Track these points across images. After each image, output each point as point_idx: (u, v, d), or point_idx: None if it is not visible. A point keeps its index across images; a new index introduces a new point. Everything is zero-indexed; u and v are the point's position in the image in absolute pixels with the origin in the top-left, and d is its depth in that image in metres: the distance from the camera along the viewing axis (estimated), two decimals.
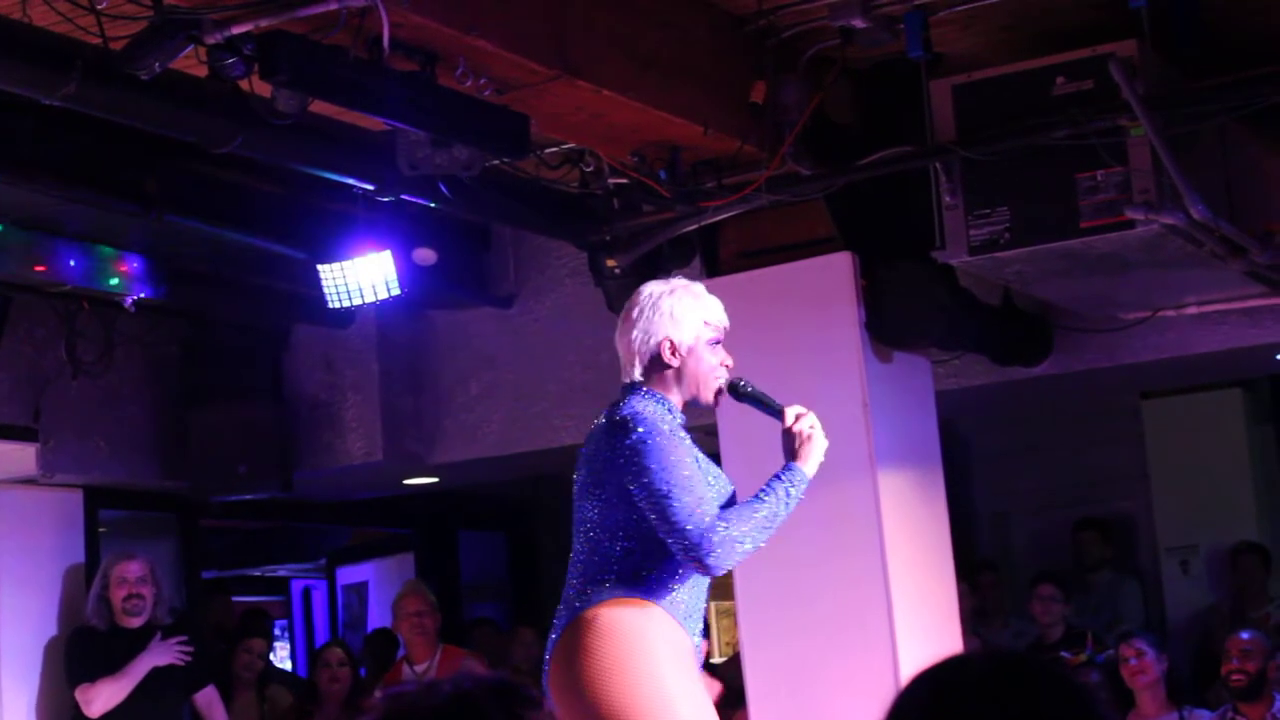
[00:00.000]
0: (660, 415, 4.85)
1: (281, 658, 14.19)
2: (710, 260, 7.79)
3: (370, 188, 6.85)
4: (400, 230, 8.12)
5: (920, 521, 7.64)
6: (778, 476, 4.89)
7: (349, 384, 9.74)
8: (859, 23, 6.56)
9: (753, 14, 6.77)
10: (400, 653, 10.70)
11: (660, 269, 7.85)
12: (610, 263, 7.73)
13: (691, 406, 5.01)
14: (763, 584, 7.43)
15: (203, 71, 5.47)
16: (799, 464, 4.94)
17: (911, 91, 6.94)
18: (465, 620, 12.16)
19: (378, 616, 12.44)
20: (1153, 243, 6.72)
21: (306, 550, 14.56)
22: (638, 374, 5.00)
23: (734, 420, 7.45)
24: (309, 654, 13.70)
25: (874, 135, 7.17)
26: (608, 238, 7.68)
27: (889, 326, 7.50)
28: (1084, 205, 6.60)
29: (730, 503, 4.90)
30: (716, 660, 11.40)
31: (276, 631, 14.01)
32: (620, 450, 4.78)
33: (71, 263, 8.16)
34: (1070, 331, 8.47)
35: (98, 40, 5.41)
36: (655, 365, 4.98)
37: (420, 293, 8.64)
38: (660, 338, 4.97)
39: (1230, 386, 10.67)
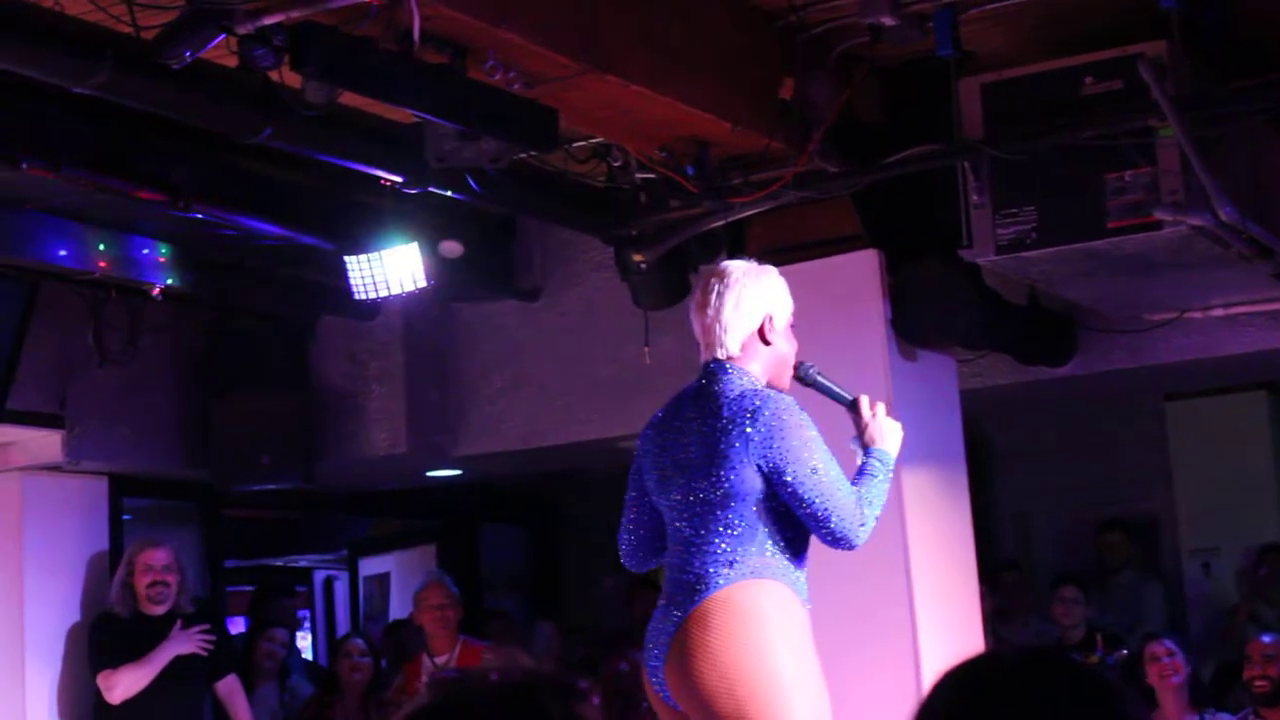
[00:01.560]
0: (777, 394, 4.86)
1: (303, 648, 14.22)
2: (736, 256, 7.76)
3: (398, 179, 6.86)
4: (427, 222, 8.13)
5: (943, 520, 7.63)
6: (870, 453, 4.99)
7: (373, 375, 9.75)
8: (888, 20, 6.55)
9: (782, 10, 6.77)
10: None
11: (686, 264, 7.87)
12: (636, 257, 7.73)
13: (772, 388, 4.98)
14: None
15: (233, 62, 5.48)
16: (884, 447, 5.04)
17: (940, 90, 6.93)
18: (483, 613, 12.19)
19: (399, 608, 12.45)
20: (1180, 244, 6.71)
21: (328, 541, 14.57)
22: (734, 349, 4.95)
23: None
24: (330, 644, 13.73)
25: (902, 133, 7.17)
26: (634, 233, 7.69)
27: (914, 324, 7.50)
28: (1112, 205, 6.59)
29: None
30: None
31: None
32: (756, 428, 4.76)
33: (101, 246, 8.18)
34: (1095, 332, 8.46)
35: (129, 29, 5.43)
36: (752, 341, 4.97)
37: (446, 285, 8.64)
38: (762, 313, 4.96)
39: (1255, 389, 10.65)
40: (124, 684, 8.66)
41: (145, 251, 8.31)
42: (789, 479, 4.75)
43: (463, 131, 5.95)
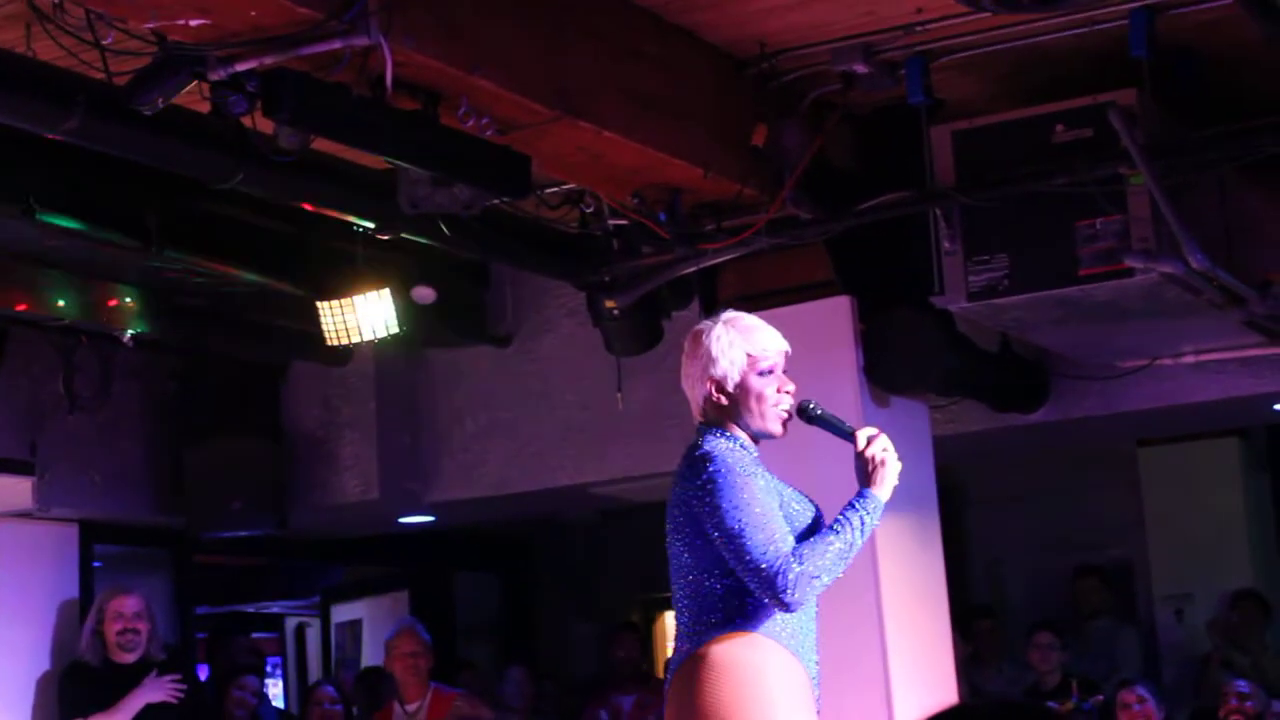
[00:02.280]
0: (731, 451, 4.85)
1: (274, 695, 14.15)
2: (709, 302, 7.79)
3: (370, 225, 6.86)
4: (400, 268, 8.12)
5: (916, 566, 7.62)
6: (852, 505, 4.88)
7: (345, 421, 9.73)
8: (861, 68, 6.58)
9: (755, 57, 6.78)
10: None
11: (659, 311, 7.87)
12: (609, 304, 7.73)
13: (764, 438, 4.98)
14: None
15: (205, 108, 5.48)
16: (873, 490, 4.92)
17: (912, 137, 6.95)
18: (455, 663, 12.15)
19: (371, 654, 12.40)
20: (1151, 291, 6.72)
21: (300, 587, 14.52)
22: (699, 418, 5.02)
23: None
24: (301, 691, 13.67)
25: (874, 180, 7.18)
26: (606, 278, 7.69)
27: (887, 371, 7.50)
28: (1083, 253, 6.61)
29: (814, 527, 4.89)
30: None
31: (269, 669, 13.98)
32: (694, 490, 4.79)
33: (69, 297, 8.15)
34: (1068, 379, 8.48)
35: (101, 75, 5.42)
36: (710, 407, 4.98)
37: (419, 331, 8.64)
38: (705, 380, 4.98)
39: (1227, 435, 10.68)
40: None
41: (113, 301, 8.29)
42: (715, 538, 4.75)
43: (435, 177, 5.95)
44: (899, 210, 7.04)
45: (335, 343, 8.07)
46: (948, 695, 7.56)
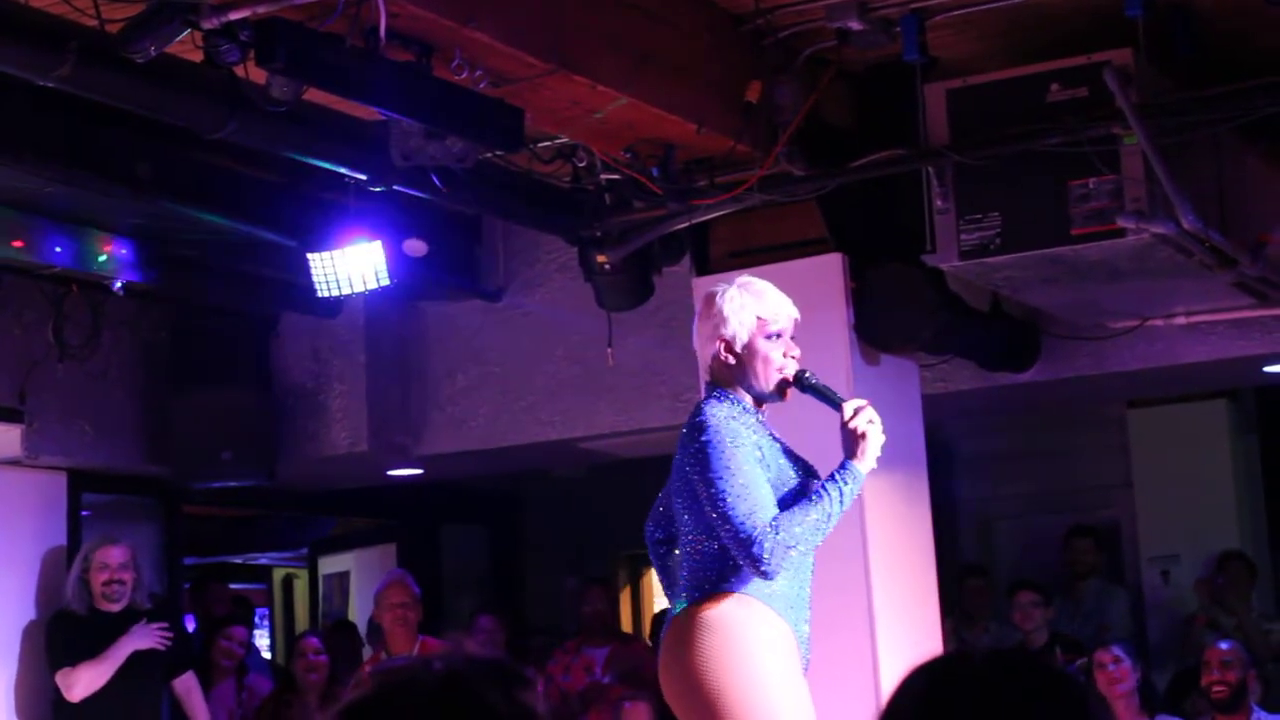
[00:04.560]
0: (730, 415, 4.94)
1: (261, 647, 14.18)
2: (700, 259, 7.78)
3: (362, 177, 6.85)
4: (391, 221, 8.10)
5: (904, 525, 7.63)
6: (833, 476, 4.95)
7: (335, 373, 9.73)
8: (856, 25, 6.57)
9: (750, 13, 6.77)
10: (364, 644, 10.72)
11: (650, 266, 7.86)
12: (600, 258, 7.72)
13: (765, 401, 5.06)
14: None
15: (198, 57, 5.46)
16: (854, 461, 4.98)
17: (906, 95, 6.95)
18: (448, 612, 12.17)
19: (359, 606, 12.43)
20: (1143, 251, 6.73)
21: (288, 539, 14.54)
22: (706, 376, 5.12)
23: None
24: (288, 642, 13.70)
25: (868, 138, 7.18)
26: (598, 233, 7.68)
27: (877, 329, 7.50)
28: (1075, 212, 6.61)
29: (805, 490, 4.95)
30: None
31: (256, 620, 14.01)
32: (689, 456, 4.90)
33: (59, 246, 8.14)
34: (1058, 339, 8.48)
35: (94, 23, 5.40)
36: (718, 366, 5.06)
37: (409, 284, 8.63)
38: (715, 339, 5.05)
39: (1216, 397, 10.69)
40: (83, 682, 8.61)
41: (106, 245, 8.27)
42: (702, 500, 4.87)
43: (428, 130, 5.94)
44: (892, 168, 7.04)
45: (326, 294, 8.06)
46: (934, 652, 7.58)
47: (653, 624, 11.73)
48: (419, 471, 10.61)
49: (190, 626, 10.64)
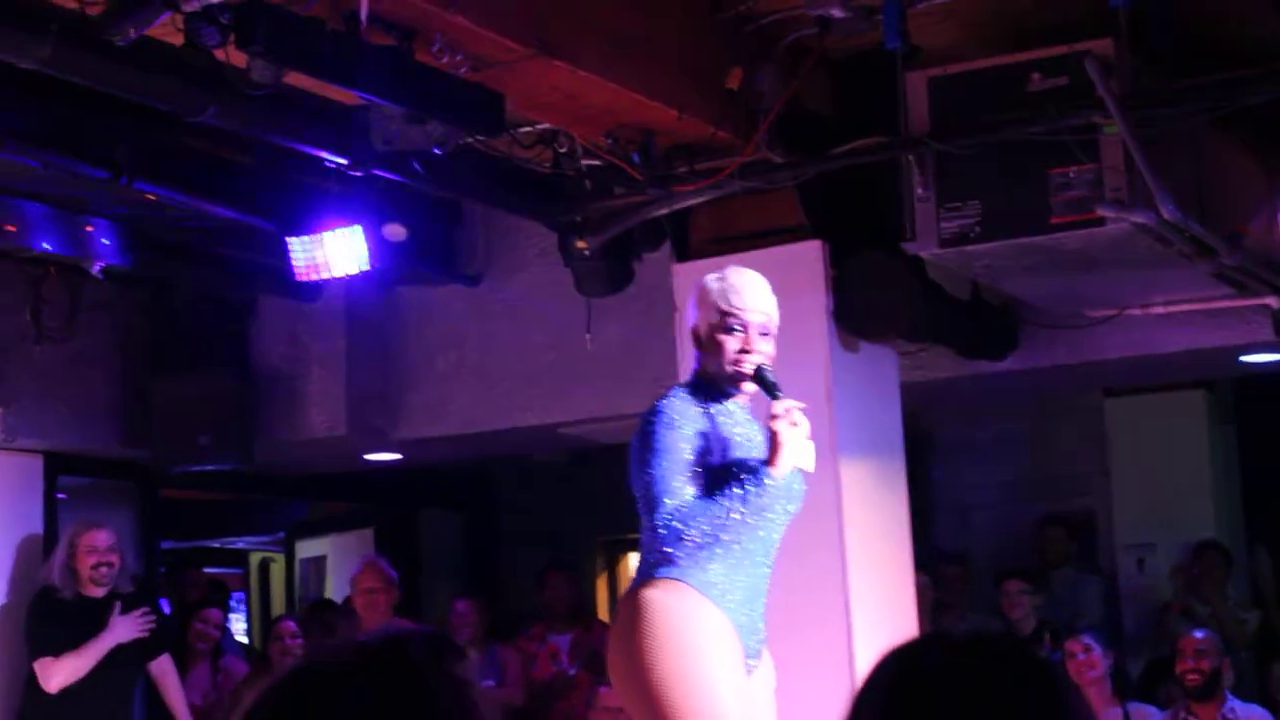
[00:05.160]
0: (679, 403, 5.01)
1: (237, 630, 14.18)
2: (681, 245, 7.78)
3: (342, 161, 6.82)
4: (371, 205, 8.10)
5: (881, 512, 7.65)
6: (746, 475, 4.96)
7: (314, 358, 9.71)
8: (837, 12, 6.56)
9: (731, 0, 6.76)
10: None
11: (630, 252, 7.86)
12: (580, 244, 7.72)
13: (733, 390, 5.12)
14: None
15: (179, 40, 5.44)
16: (769, 465, 4.98)
17: (887, 83, 6.95)
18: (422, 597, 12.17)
19: (336, 590, 12.42)
20: (1122, 241, 6.74)
21: (266, 523, 14.53)
22: (693, 360, 5.22)
23: None
24: (265, 626, 13.68)
25: (849, 125, 7.18)
26: (578, 219, 7.67)
27: (856, 316, 7.51)
28: (1055, 201, 6.62)
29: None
30: None
31: (232, 604, 14.00)
32: (636, 434, 5.01)
33: (37, 229, 8.11)
34: (1037, 327, 8.49)
35: (75, 5, 5.38)
36: (698, 354, 5.18)
37: (389, 268, 8.62)
38: (689, 328, 5.20)
39: (1194, 387, 10.72)
40: (64, 673, 8.55)
41: (88, 229, 8.25)
42: (634, 478, 4.98)
43: (408, 114, 5.92)
44: (872, 155, 7.04)
45: (305, 279, 8.05)
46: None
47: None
48: (397, 456, 10.60)
49: (166, 609, 10.62)
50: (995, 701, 2.05)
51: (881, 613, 7.47)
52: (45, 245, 8.15)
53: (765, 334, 5.13)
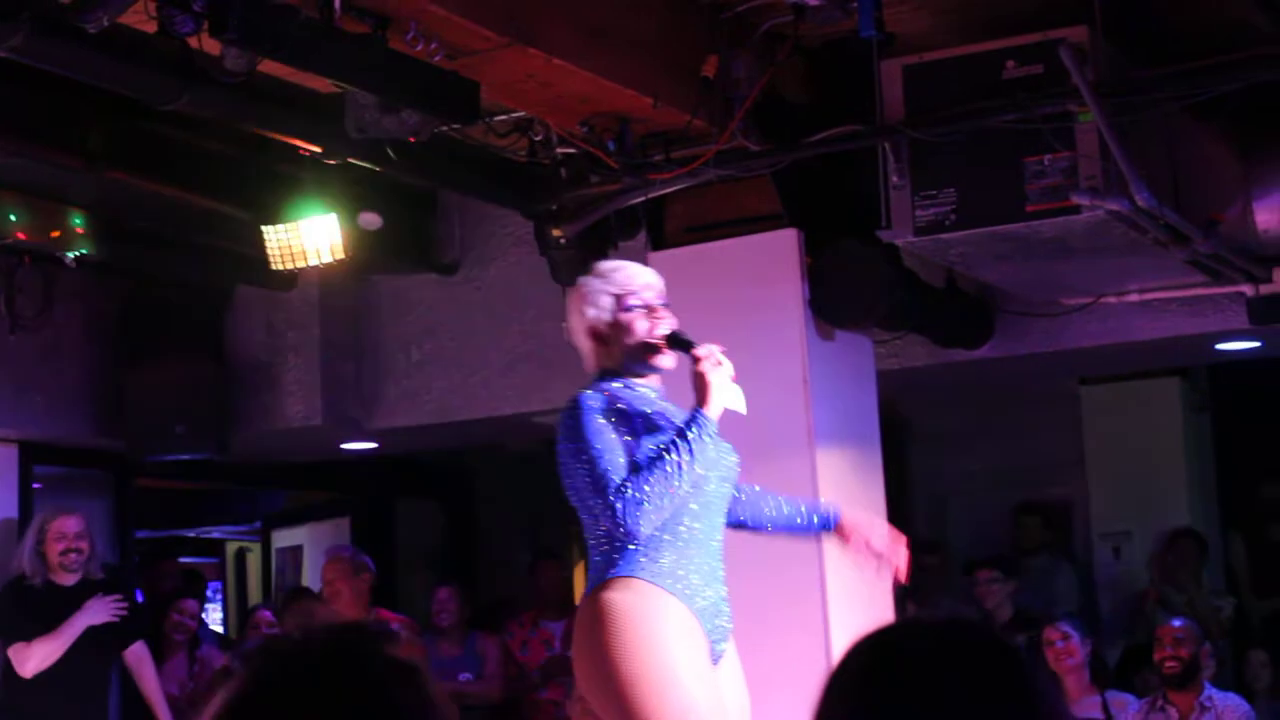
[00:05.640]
0: (593, 395, 4.99)
1: (214, 620, 14.15)
2: (656, 233, 7.78)
3: (317, 150, 6.82)
4: (346, 194, 8.08)
5: (857, 500, 7.62)
6: (684, 421, 4.97)
7: (290, 346, 9.70)
8: (813, 0, 6.56)
9: None
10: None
11: (606, 240, 7.85)
12: (556, 232, 7.71)
13: (652, 373, 5.14)
14: None
15: (152, 27, 5.42)
16: (700, 407, 5.01)
17: (863, 71, 6.94)
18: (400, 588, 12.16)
19: (311, 580, 12.41)
20: (1097, 229, 6.74)
21: (242, 512, 14.51)
22: (588, 364, 5.19)
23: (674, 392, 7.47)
24: (240, 616, 13.67)
25: (824, 113, 7.18)
26: (554, 207, 7.67)
27: (832, 304, 7.50)
28: (1030, 189, 6.62)
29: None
30: None
31: (209, 594, 13.98)
32: (559, 443, 4.98)
33: (12, 217, 8.09)
34: (1012, 315, 8.50)
35: None
36: (598, 355, 5.16)
37: (364, 257, 8.60)
38: (586, 331, 5.16)
39: (1169, 375, 10.74)
40: (38, 657, 8.56)
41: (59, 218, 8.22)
42: (563, 474, 4.97)
43: (383, 102, 5.92)
44: (848, 143, 7.04)
45: (280, 267, 8.03)
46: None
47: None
48: (373, 445, 10.59)
49: (140, 598, 10.61)
50: (966, 685, 2.05)
51: (857, 601, 7.47)
52: (17, 234, 8.13)
53: (664, 304, 5.17)
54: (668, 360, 5.15)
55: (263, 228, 7.97)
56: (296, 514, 13.47)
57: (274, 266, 8.03)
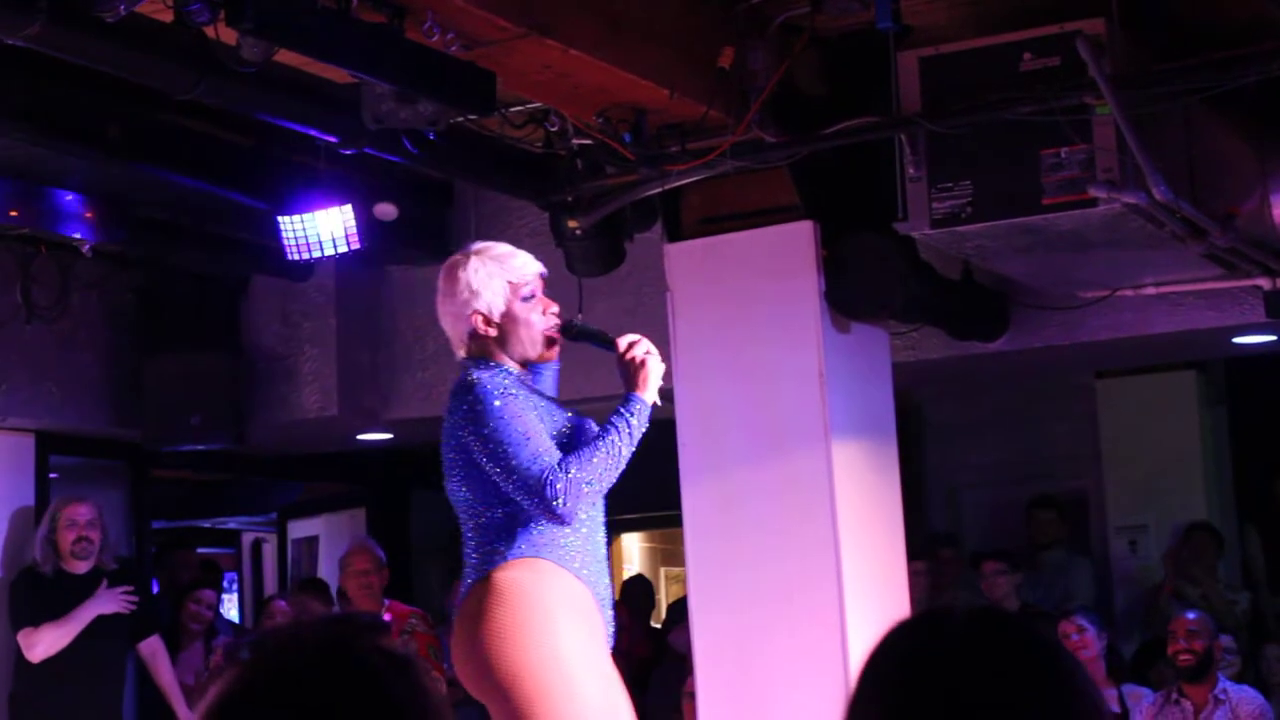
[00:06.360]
0: (494, 378, 4.92)
1: (230, 610, 14.17)
2: (672, 225, 7.77)
3: (333, 140, 6.82)
4: (362, 184, 8.09)
5: (872, 493, 7.64)
6: (619, 411, 4.96)
7: (306, 337, 9.71)
8: None
9: None
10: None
11: (622, 232, 7.85)
12: (572, 224, 7.71)
13: (535, 364, 5.12)
14: (713, 550, 7.44)
15: (168, 17, 5.43)
16: (638, 393, 4.99)
17: (879, 62, 6.93)
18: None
19: (326, 571, 12.41)
20: (1114, 222, 6.73)
21: (257, 503, 14.52)
22: (463, 352, 5.08)
23: (690, 385, 7.47)
24: (256, 607, 13.68)
25: (840, 105, 7.16)
26: (570, 199, 7.66)
27: (848, 297, 7.50)
28: (1047, 182, 6.61)
29: (582, 440, 4.94)
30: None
31: (225, 584, 14.00)
32: (461, 421, 4.87)
33: (30, 206, 8.10)
34: (1028, 308, 8.49)
35: None
36: (475, 340, 5.04)
37: (380, 248, 8.61)
38: (469, 314, 5.02)
39: (1185, 368, 10.72)
40: (45, 642, 8.60)
41: (69, 199, 8.22)
42: (485, 464, 4.82)
43: (399, 93, 5.91)
44: (864, 135, 7.03)
45: (296, 257, 8.04)
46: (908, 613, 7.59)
47: (623, 590, 11.76)
48: (389, 436, 10.59)
49: (154, 590, 10.63)
50: (1001, 673, 2.05)
51: (874, 594, 7.47)
52: (34, 223, 8.14)
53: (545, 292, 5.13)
54: (553, 353, 5.12)
55: (279, 218, 7.97)
56: (312, 505, 13.48)
57: (290, 257, 8.03)
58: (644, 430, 4.95)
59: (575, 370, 9.12)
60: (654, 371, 5.02)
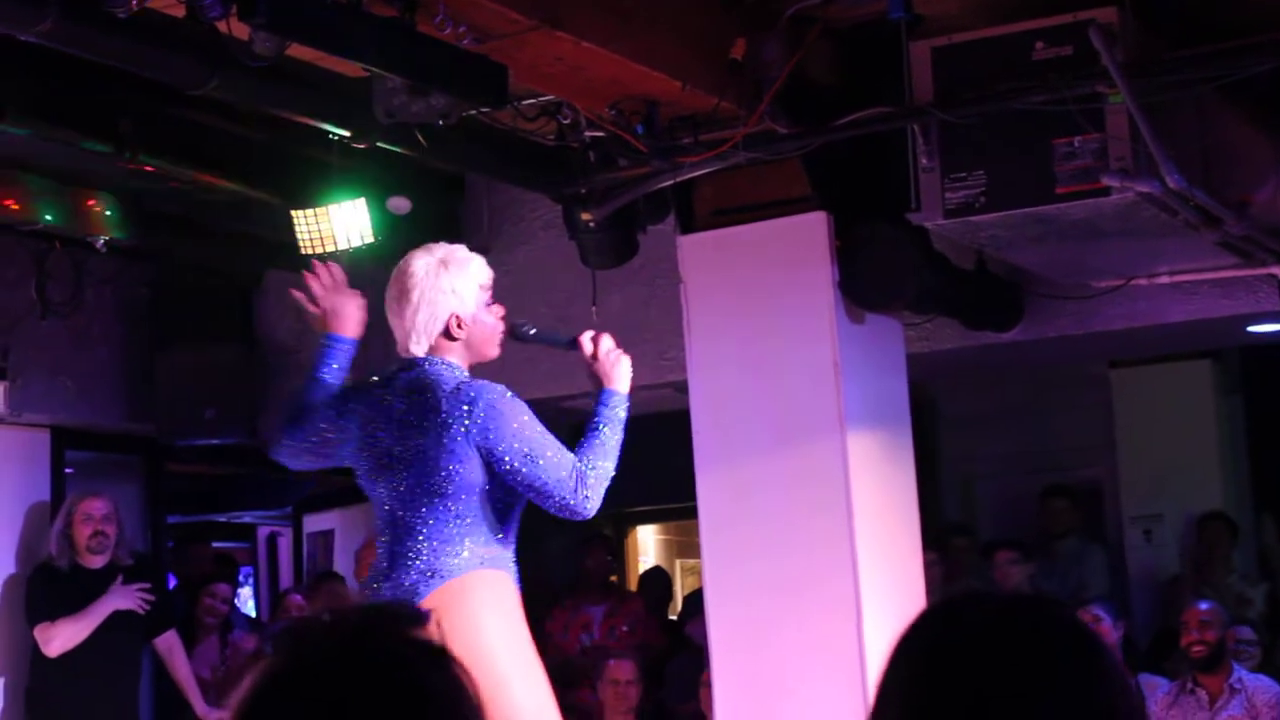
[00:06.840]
0: (484, 381, 5.08)
1: (245, 604, 14.19)
2: (685, 216, 7.77)
3: (346, 134, 6.82)
4: (375, 178, 8.09)
5: (887, 483, 7.64)
6: (605, 404, 5.12)
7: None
8: None
9: None
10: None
11: (635, 224, 7.85)
12: (585, 216, 7.71)
13: (478, 364, 5.22)
14: (728, 541, 7.45)
15: (180, 11, 5.42)
16: (615, 388, 5.14)
17: (892, 53, 6.93)
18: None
19: (341, 564, 12.42)
20: (1127, 211, 6.72)
21: (272, 497, 14.53)
22: (423, 349, 5.15)
23: (705, 377, 7.48)
24: (272, 600, 13.69)
25: (853, 96, 7.16)
26: (583, 191, 7.66)
27: (862, 287, 7.49)
28: (1060, 171, 6.60)
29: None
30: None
31: (240, 578, 14.02)
32: (474, 419, 4.93)
33: (42, 203, 8.12)
34: (1042, 298, 8.48)
35: None
36: (445, 340, 5.15)
37: (393, 241, 8.60)
38: (447, 315, 5.13)
39: (1200, 357, 10.70)
40: (62, 637, 8.62)
41: (90, 203, 8.24)
42: (506, 463, 4.90)
43: (412, 86, 5.91)
44: (877, 126, 7.03)
45: (310, 252, 8.04)
46: (917, 609, 7.59)
47: (641, 582, 11.77)
48: None
49: (171, 585, 10.65)
50: (1031, 658, 2.05)
51: (890, 584, 7.47)
52: (48, 219, 8.15)
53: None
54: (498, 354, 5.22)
55: (292, 212, 7.98)
56: (327, 499, 13.48)
57: (303, 251, 8.04)
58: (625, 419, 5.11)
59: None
60: (625, 365, 5.18)
